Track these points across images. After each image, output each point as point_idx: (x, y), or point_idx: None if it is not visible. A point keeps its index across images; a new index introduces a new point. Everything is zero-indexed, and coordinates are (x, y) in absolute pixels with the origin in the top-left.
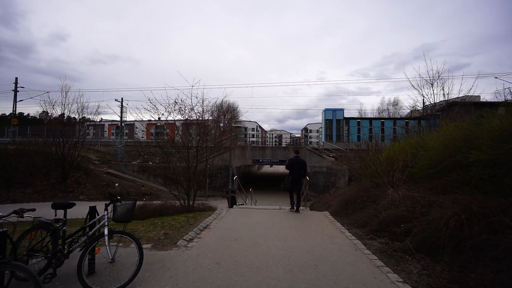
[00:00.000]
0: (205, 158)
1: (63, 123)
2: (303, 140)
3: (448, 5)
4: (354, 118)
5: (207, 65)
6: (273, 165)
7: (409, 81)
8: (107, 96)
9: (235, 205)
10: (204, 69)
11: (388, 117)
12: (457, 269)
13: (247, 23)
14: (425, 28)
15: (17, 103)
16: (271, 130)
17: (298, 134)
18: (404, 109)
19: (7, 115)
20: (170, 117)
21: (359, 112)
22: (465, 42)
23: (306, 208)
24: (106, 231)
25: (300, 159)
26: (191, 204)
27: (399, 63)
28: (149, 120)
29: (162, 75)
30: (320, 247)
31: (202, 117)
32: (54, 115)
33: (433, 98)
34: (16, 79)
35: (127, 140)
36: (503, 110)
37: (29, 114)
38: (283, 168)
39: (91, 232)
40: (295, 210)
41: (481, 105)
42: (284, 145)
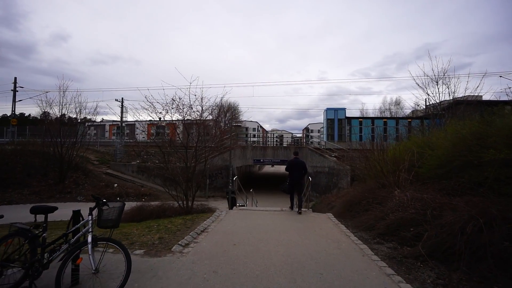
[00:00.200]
0: (204, 158)
1: (60, 123)
2: (304, 140)
3: (449, 4)
4: (356, 117)
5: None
6: (274, 165)
7: (414, 79)
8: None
9: (235, 206)
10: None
11: (390, 116)
12: (476, 278)
13: (248, 23)
14: (427, 28)
15: (16, 103)
16: (272, 130)
17: (299, 134)
18: (407, 108)
19: (8, 115)
20: (168, 115)
21: (360, 112)
22: (466, 42)
23: (309, 209)
24: (89, 238)
25: (299, 160)
26: (189, 205)
27: (400, 63)
28: (150, 120)
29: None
30: (324, 253)
31: (201, 116)
32: (52, 115)
33: (439, 96)
34: (15, 78)
35: (126, 140)
36: (509, 109)
37: (30, 114)
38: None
39: (74, 239)
40: (298, 211)
41: (488, 104)
42: (285, 145)
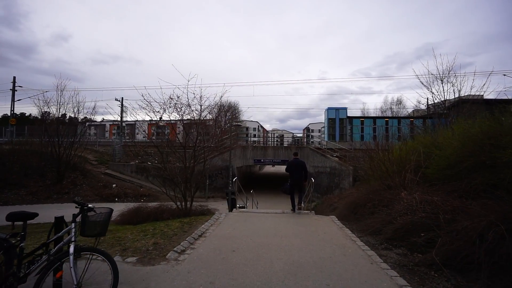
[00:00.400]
0: (203, 158)
1: (58, 123)
2: (305, 140)
3: (449, 4)
4: (357, 117)
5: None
6: (275, 165)
7: (418, 77)
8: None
9: (235, 208)
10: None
11: (392, 116)
12: None
13: (249, 22)
14: (427, 28)
15: (16, 103)
16: (273, 130)
17: (300, 134)
18: (408, 108)
19: (8, 115)
20: (166, 114)
21: (361, 112)
22: (467, 42)
23: (311, 211)
24: (71, 248)
25: (299, 160)
26: (188, 207)
27: (401, 62)
28: (150, 120)
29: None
30: (330, 261)
31: (200, 115)
32: (52, 115)
33: (443, 95)
34: (14, 78)
35: (125, 140)
36: None
37: (30, 114)
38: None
39: (54, 249)
40: (297, 207)
41: (494, 103)
42: (286, 145)
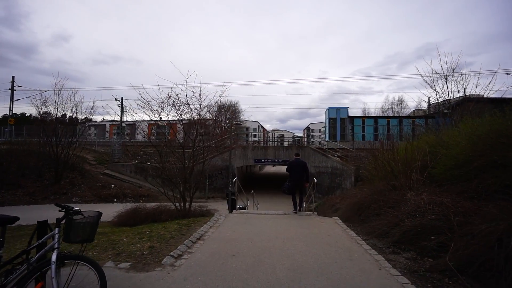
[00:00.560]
0: (202, 158)
1: (56, 122)
2: (306, 140)
3: (450, 4)
4: (358, 116)
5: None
6: (276, 165)
7: (421, 76)
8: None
9: (235, 209)
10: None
11: (393, 115)
12: None
13: (249, 23)
14: (427, 28)
15: (15, 103)
16: (273, 130)
17: (300, 134)
18: (409, 108)
19: (9, 115)
20: (164, 112)
21: (362, 111)
22: (467, 42)
23: (314, 212)
24: (54, 256)
25: (301, 161)
26: (187, 208)
27: (401, 62)
28: (150, 120)
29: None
30: (336, 266)
31: (199, 114)
32: (53, 115)
33: (448, 93)
34: (12, 77)
35: (123, 140)
36: None
37: (31, 114)
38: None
39: (35, 257)
40: (297, 209)
41: (500, 102)
42: (286, 145)
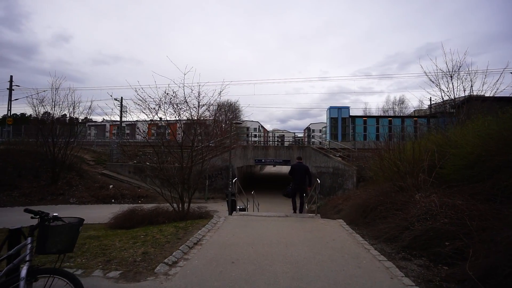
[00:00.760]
0: (201, 158)
1: (52, 122)
2: (306, 140)
3: (450, 4)
4: (360, 116)
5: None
6: (276, 165)
7: (426, 74)
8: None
9: (234, 211)
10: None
11: (395, 115)
12: None
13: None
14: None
15: (14, 103)
16: (274, 130)
17: (300, 134)
18: (411, 108)
19: (8, 115)
20: (161, 111)
21: (363, 111)
22: (468, 41)
23: (316, 215)
24: (23, 272)
25: (303, 165)
26: (185, 209)
27: (402, 62)
28: (151, 121)
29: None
30: (343, 275)
31: (198, 113)
32: (53, 114)
33: (453, 92)
34: (11, 77)
35: (121, 140)
36: None
37: (30, 115)
38: (286, 168)
39: (3, 271)
40: (296, 212)
41: (508, 101)
42: (287, 145)
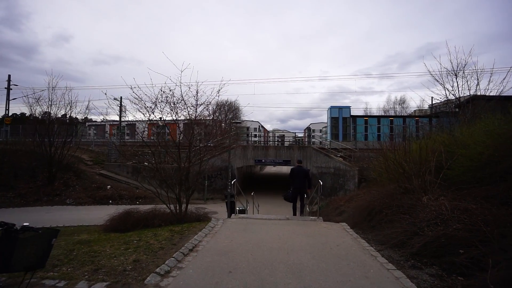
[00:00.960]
0: (200, 159)
1: (49, 121)
2: (306, 140)
3: (450, 4)
4: (361, 116)
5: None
6: (276, 165)
7: (430, 73)
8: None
9: (233, 214)
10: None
11: (396, 115)
12: None
13: (249, 23)
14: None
15: (12, 102)
16: (274, 130)
17: (301, 134)
18: (412, 108)
19: (5, 114)
20: (158, 109)
21: (364, 111)
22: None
23: (319, 217)
24: None
25: (303, 168)
26: (183, 211)
27: (402, 62)
28: (148, 119)
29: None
30: (350, 285)
31: (196, 111)
32: (53, 114)
33: (458, 91)
34: (9, 76)
35: (116, 140)
36: None
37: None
38: (287, 168)
39: None
40: (299, 214)
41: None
42: (287, 145)
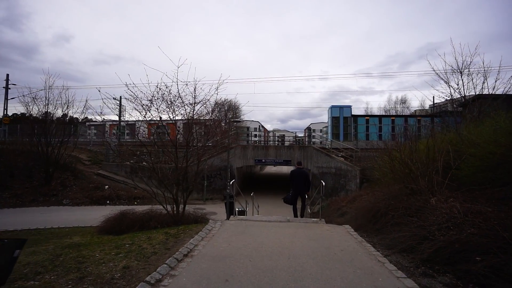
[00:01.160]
0: (198, 158)
1: (45, 121)
2: (307, 140)
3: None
4: (362, 115)
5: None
6: (276, 165)
7: (434, 70)
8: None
9: (232, 215)
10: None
11: (397, 114)
12: None
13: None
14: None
15: (10, 102)
16: (274, 130)
17: (301, 133)
18: (413, 107)
19: (4, 114)
20: (154, 106)
21: (365, 111)
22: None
23: (321, 219)
24: None
25: (303, 171)
26: (180, 212)
27: (403, 62)
28: (144, 117)
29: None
30: None
31: (194, 110)
32: (53, 114)
33: (463, 89)
34: (7, 75)
35: (118, 139)
36: None
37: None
38: (287, 168)
39: None
40: (299, 215)
41: None
42: (287, 144)
